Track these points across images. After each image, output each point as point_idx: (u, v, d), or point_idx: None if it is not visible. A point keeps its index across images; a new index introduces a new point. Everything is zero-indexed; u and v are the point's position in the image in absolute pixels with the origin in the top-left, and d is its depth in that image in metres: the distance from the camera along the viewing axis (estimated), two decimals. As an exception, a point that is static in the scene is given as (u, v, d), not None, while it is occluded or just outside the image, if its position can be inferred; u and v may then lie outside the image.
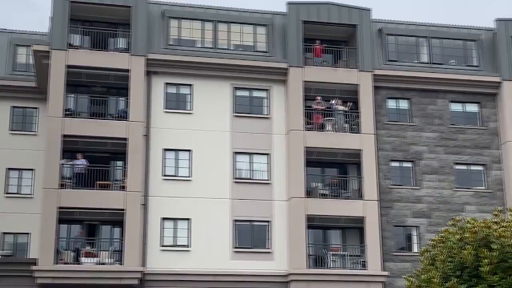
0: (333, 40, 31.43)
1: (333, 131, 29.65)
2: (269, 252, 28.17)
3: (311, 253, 28.41)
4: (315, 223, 28.76)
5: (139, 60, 28.49)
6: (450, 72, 31.09)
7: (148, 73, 28.94)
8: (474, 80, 31.03)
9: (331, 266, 28.23)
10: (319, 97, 29.94)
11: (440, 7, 69.06)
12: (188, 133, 28.82)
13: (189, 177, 28.41)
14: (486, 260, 10.84)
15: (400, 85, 30.74)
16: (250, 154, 29.14)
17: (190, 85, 29.38)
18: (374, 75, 30.22)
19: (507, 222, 11.79)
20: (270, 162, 29.12)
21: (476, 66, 31.67)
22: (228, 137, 29.07)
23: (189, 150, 28.68)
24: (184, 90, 29.41)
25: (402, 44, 31.54)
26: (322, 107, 29.91)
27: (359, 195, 29.05)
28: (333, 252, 28.59)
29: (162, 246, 27.49)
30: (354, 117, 29.97)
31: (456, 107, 31.31)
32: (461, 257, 11.23)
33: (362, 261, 28.46)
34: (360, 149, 29.29)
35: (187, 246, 27.71)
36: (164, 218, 27.78)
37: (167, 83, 29.22)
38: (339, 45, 31.50)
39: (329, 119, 29.76)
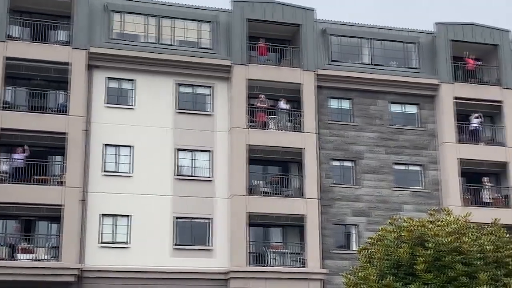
0: (277, 39, 31.56)
1: (276, 129, 29.80)
2: (209, 250, 28.12)
3: (251, 251, 28.48)
4: (256, 221, 28.84)
5: (80, 54, 28.00)
6: (391, 73, 31.63)
7: (90, 67, 28.47)
8: (414, 82, 31.65)
9: (271, 263, 28.38)
10: (262, 95, 30.05)
11: (382, 9, 70.19)
12: (130, 128, 28.49)
13: (130, 173, 28.10)
14: (421, 259, 11.09)
15: (342, 85, 31.11)
16: (192, 151, 29.02)
17: (132, 80, 29.05)
18: (317, 74, 30.51)
19: (442, 221, 12.09)
20: (212, 159, 29.07)
21: (416, 68, 32.31)
22: (171, 134, 28.88)
23: (130, 146, 28.37)
24: (126, 85, 29.06)
25: (345, 44, 31.93)
26: (265, 105, 30.02)
27: (300, 193, 29.29)
28: (274, 250, 28.75)
29: (101, 243, 27.11)
30: (296, 116, 30.19)
31: (396, 108, 31.89)
32: (397, 255, 11.46)
33: (302, 258, 28.71)
34: (302, 148, 29.52)
35: (127, 243, 27.40)
36: (103, 215, 27.39)
37: (109, 78, 28.81)
38: (283, 44, 31.67)
39: (272, 117, 29.89)
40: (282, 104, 30.18)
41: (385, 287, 11.15)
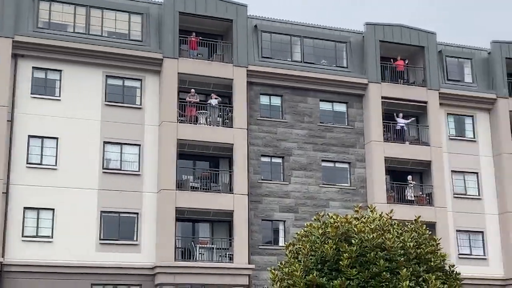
0: (209, 33, 31.44)
1: (206, 124, 29.70)
2: (136, 244, 27.78)
3: (179, 246, 28.32)
4: (184, 216, 28.69)
5: (5, 42, 27.15)
6: (321, 71, 32.00)
7: (15, 56, 27.65)
8: (343, 80, 32.12)
9: (199, 259, 28.30)
10: (193, 90, 29.88)
11: (313, 8, 70.98)
12: (56, 120, 27.82)
13: (55, 165, 27.45)
14: (345, 254, 11.25)
15: (273, 82, 31.28)
16: (120, 144, 28.58)
17: (59, 70, 28.36)
18: (248, 70, 30.56)
19: (367, 218, 12.30)
20: (141, 153, 28.72)
21: (345, 68, 32.80)
22: (98, 126, 28.36)
23: (56, 138, 27.70)
24: (52, 76, 28.34)
25: (277, 41, 32.10)
26: (195, 100, 29.87)
27: (229, 189, 29.30)
28: (201, 245, 28.67)
29: (24, 236, 26.40)
30: (227, 111, 30.16)
31: (325, 106, 32.29)
32: (323, 251, 11.59)
33: (229, 254, 28.73)
34: (232, 143, 29.53)
35: (50, 237, 26.76)
36: (26, 208, 26.67)
37: (34, 67, 28.05)
38: (215, 39, 31.57)
39: (203, 112, 29.78)
40: (213, 100, 30.08)
41: (310, 282, 11.27)
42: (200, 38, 30.80)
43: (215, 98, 30.00)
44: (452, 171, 33.10)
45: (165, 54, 29.32)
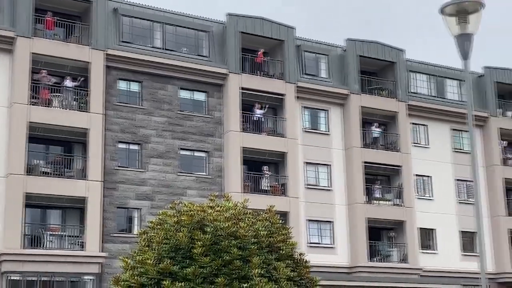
0: (66, 14, 30.31)
1: (60, 107, 28.64)
2: (-20, 231, 26.35)
3: (27, 233, 27.19)
4: (34, 202, 27.55)
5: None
6: (182, 59, 31.83)
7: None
8: (203, 69, 32.15)
9: (48, 246, 27.33)
10: (44, 71, 28.66)
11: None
12: None
13: None
14: (199, 243, 11.27)
15: (133, 68, 30.72)
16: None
17: None
18: (107, 54, 29.79)
19: (221, 207, 12.38)
20: (-11, 136, 27.21)
21: (206, 57, 32.84)
22: None
23: None
24: None
25: (137, 26, 31.53)
26: (49, 82, 28.70)
27: (83, 175, 28.48)
28: (52, 232, 27.72)
29: None
30: (83, 95, 29.25)
31: (185, 94, 32.19)
32: (177, 239, 11.53)
33: (81, 242, 27.98)
34: (87, 128, 28.69)
35: None
36: None
37: None
38: (73, 20, 30.48)
39: (57, 95, 28.68)
40: (69, 82, 29.04)
41: (162, 270, 11.18)
42: (57, 18, 29.60)
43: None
44: (305, 162, 34.17)
45: (18, 32, 27.93)
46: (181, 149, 31.33)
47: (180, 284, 10.96)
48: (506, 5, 77.69)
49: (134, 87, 31.00)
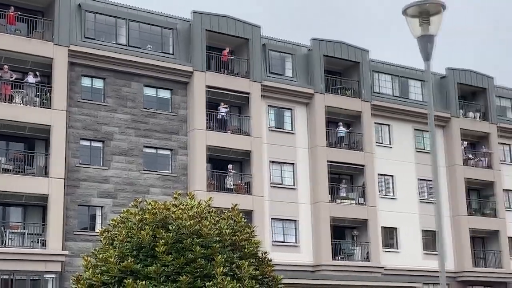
0: (29, 9, 29.86)
1: (22, 104, 28.20)
2: None
3: (-13, 231, 26.74)
4: (-6, 200, 27.12)
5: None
6: (146, 56, 31.60)
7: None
8: (168, 67, 31.96)
9: (9, 244, 26.91)
10: (6, 66, 28.20)
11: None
12: None
13: None
14: (162, 241, 11.20)
15: (96, 64, 30.39)
16: None
17: None
18: (70, 50, 29.43)
19: (185, 205, 12.32)
20: None
21: (171, 54, 32.65)
22: None
23: None
24: None
25: (101, 23, 31.18)
26: (11, 78, 28.24)
27: (45, 172, 28.09)
28: (12, 230, 27.30)
29: None
30: (45, 91, 28.84)
31: (149, 91, 31.97)
32: (139, 237, 11.45)
33: (42, 240, 27.61)
34: (49, 125, 28.31)
35: None
36: None
37: None
38: (36, 15, 30.03)
39: (19, 91, 28.24)
40: (31, 78, 28.62)
41: (125, 268, 11.08)
42: (19, 13, 29.14)
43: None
44: (270, 161, 34.23)
45: (-21, 26, 27.43)
46: (145, 146, 31.11)
47: (142, 282, 10.88)
48: (470, 7, 79.00)
49: (98, 83, 30.69)
